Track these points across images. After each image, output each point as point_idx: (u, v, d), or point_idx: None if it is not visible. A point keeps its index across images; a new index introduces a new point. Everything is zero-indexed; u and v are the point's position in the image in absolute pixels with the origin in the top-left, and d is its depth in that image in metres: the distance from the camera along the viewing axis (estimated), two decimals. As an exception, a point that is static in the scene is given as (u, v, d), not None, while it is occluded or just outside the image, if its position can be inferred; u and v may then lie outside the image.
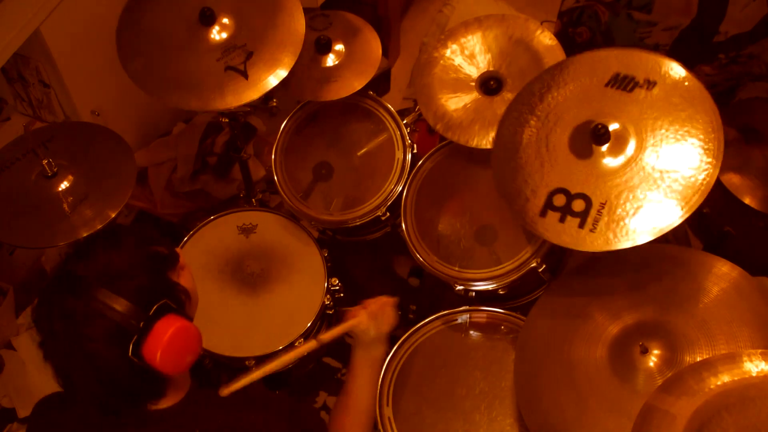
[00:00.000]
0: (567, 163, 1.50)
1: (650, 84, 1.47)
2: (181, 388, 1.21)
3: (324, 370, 2.13)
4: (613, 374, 1.44)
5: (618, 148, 1.46)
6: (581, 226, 1.44)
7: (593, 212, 1.44)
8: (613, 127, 1.47)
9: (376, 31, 2.02)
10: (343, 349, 1.74)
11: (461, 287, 1.74)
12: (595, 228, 1.42)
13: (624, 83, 1.49)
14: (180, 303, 1.17)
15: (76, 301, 1.09)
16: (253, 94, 1.75)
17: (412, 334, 1.73)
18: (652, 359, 1.42)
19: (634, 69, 1.50)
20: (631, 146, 1.45)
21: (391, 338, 1.77)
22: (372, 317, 1.51)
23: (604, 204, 1.43)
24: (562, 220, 1.46)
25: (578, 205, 1.46)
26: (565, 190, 1.48)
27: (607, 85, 1.51)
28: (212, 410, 1.21)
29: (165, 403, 1.18)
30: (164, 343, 1.09)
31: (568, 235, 1.45)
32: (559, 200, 1.48)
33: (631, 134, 1.46)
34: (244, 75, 1.75)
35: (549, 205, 1.48)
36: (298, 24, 1.81)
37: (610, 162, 1.46)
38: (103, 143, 1.83)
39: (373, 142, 2.00)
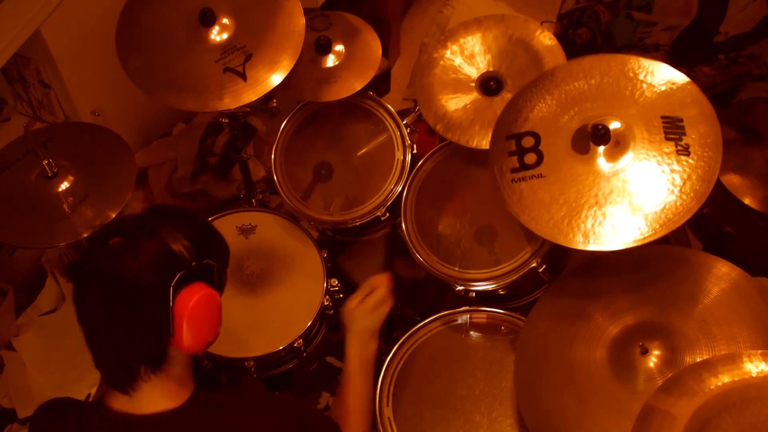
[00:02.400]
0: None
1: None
2: (182, 390, 1.20)
3: (326, 370, 2.13)
4: (613, 375, 1.44)
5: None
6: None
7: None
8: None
9: (376, 32, 2.02)
10: (343, 349, 1.75)
11: (461, 287, 1.74)
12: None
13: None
14: (219, 284, 1.21)
15: (141, 219, 1.15)
16: (251, 95, 1.75)
17: (412, 335, 1.73)
18: (652, 360, 1.42)
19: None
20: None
21: (392, 339, 1.77)
22: (367, 308, 1.48)
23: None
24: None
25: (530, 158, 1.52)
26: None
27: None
28: (216, 413, 1.20)
29: (162, 401, 1.17)
30: (196, 300, 1.12)
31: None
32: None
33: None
34: (243, 77, 1.75)
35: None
36: (297, 25, 1.81)
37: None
38: (103, 143, 1.83)
39: (373, 142, 2.00)
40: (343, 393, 1.44)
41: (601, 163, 1.46)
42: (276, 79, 1.76)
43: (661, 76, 1.49)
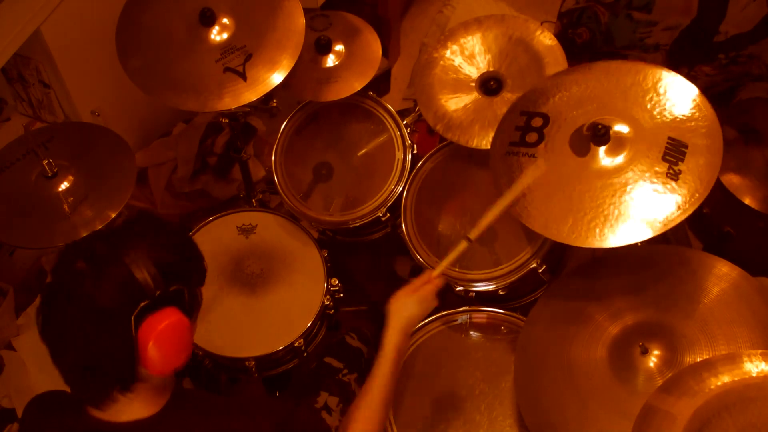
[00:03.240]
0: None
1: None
2: (159, 397, 1.18)
3: (325, 370, 2.13)
4: (613, 375, 1.44)
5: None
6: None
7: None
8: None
9: (376, 32, 2.02)
10: (343, 349, 1.74)
11: (461, 288, 1.74)
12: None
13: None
14: (191, 308, 1.16)
15: (108, 247, 1.10)
16: (251, 95, 1.75)
17: (413, 335, 1.73)
18: (652, 360, 1.42)
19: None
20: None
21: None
22: (417, 297, 1.43)
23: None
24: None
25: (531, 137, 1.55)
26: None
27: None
28: (195, 415, 1.18)
29: (138, 410, 1.15)
30: (161, 328, 1.08)
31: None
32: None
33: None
34: (243, 77, 1.75)
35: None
36: (297, 25, 1.81)
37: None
38: (103, 143, 1.83)
39: (373, 142, 2.00)
40: (373, 380, 1.37)
41: (592, 158, 1.47)
42: (276, 78, 1.76)
43: (689, 99, 1.47)
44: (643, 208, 1.39)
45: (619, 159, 1.45)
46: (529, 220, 1.48)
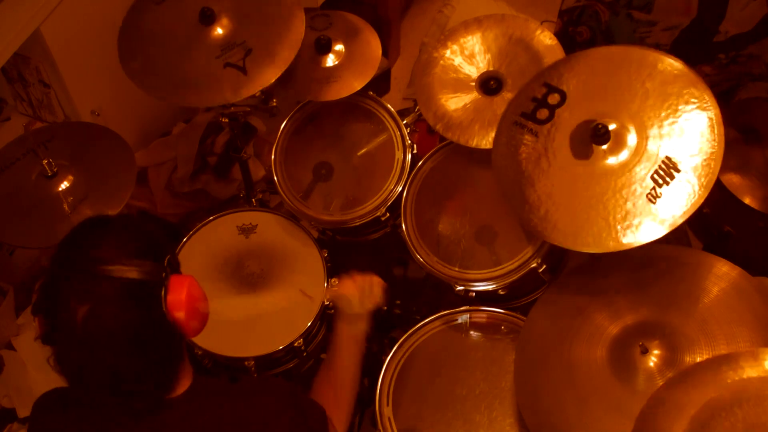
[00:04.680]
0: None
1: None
2: (186, 376, 1.20)
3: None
4: (613, 374, 1.44)
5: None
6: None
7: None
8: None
9: (376, 31, 2.02)
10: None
11: (461, 287, 1.74)
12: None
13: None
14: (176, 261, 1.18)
15: (87, 276, 1.06)
16: (251, 89, 1.75)
17: (412, 335, 1.73)
18: (652, 359, 1.42)
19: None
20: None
21: (390, 339, 1.77)
22: (358, 290, 1.55)
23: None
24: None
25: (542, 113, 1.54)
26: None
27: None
28: (218, 399, 1.21)
29: (177, 389, 1.17)
30: (185, 295, 1.11)
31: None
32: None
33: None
34: (243, 71, 1.75)
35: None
36: (297, 19, 1.81)
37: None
38: (103, 143, 1.83)
39: (373, 142, 2.00)
40: (329, 367, 1.48)
41: (579, 153, 1.49)
42: (276, 71, 1.76)
43: (702, 124, 1.42)
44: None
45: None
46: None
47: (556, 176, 1.51)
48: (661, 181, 1.40)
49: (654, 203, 1.40)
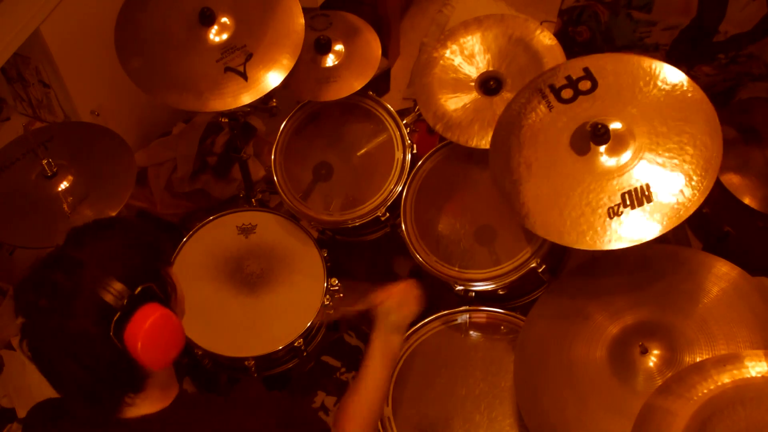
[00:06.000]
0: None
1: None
2: (167, 391, 1.18)
3: (323, 369, 2.13)
4: (613, 374, 1.44)
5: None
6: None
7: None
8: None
9: (375, 31, 2.02)
10: (342, 348, 1.74)
11: (461, 287, 1.74)
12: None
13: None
14: (166, 295, 1.15)
15: (64, 275, 1.09)
16: (252, 95, 1.75)
17: (412, 334, 1.73)
18: (652, 359, 1.42)
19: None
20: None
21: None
22: (397, 302, 1.46)
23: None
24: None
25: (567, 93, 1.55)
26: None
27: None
28: (202, 412, 1.19)
29: (147, 407, 1.15)
30: (145, 328, 1.08)
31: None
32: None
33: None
34: (244, 77, 1.75)
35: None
36: (297, 25, 1.81)
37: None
38: (103, 143, 1.83)
39: (373, 142, 2.00)
40: (360, 376, 1.41)
41: (575, 144, 1.50)
42: (277, 78, 1.76)
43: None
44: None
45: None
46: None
47: (542, 151, 1.53)
48: (628, 202, 1.41)
49: (610, 218, 1.41)
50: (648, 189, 1.41)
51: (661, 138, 1.45)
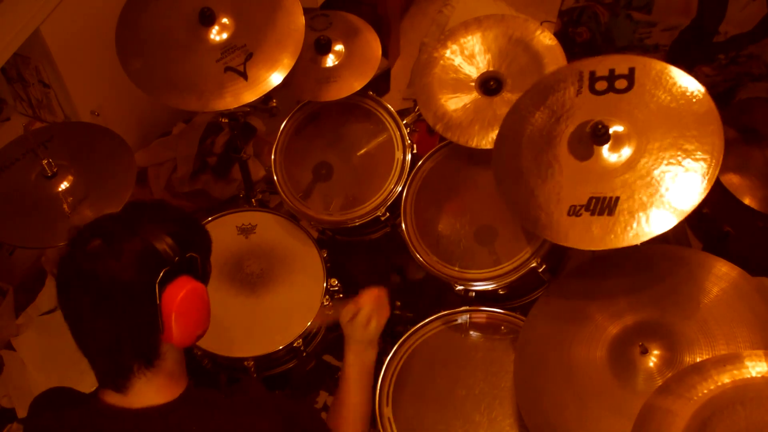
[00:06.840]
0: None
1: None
2: (174, 383, 1.20)
3: (324, 369, 2.13)
4: (613, 375, 1.44)
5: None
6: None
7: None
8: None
9: (376, 32, 2.02)
10: (342, 347, 1.74)
11: (461, 287, 1.74)
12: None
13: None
14: (205, 275, 1.20)
15: (122, 225, 1.13)
16: (252, 95, 1.75)
17: (412, 335, 1.73)
18: (652, 359, 1.42)
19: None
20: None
21: (393, 338, 1.77)
22: (366, 316, 1.46)
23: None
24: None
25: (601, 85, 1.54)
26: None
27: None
28: (208, 411, 1.20)
29: (153, 395, 1.16)
30: (185, 293, 1.12)
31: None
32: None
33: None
34: (244, 76, 1.75)
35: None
36: (297, 24, 1.81)
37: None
38: (103, 143, 1.83)
39: (373, 142, 2.00)
40: (340, 398, 1.44)
41: (573, 139, 1.50)
42: (277, 77, 1.76)
43: (678, 200, 1.39)
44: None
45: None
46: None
47: (537, 132, 1.54)
48: (592, 207, 1.41)
49: (568, 216, 1.41)
50: (616, 201, 1.40)
51: (662, 152, 1.44)
